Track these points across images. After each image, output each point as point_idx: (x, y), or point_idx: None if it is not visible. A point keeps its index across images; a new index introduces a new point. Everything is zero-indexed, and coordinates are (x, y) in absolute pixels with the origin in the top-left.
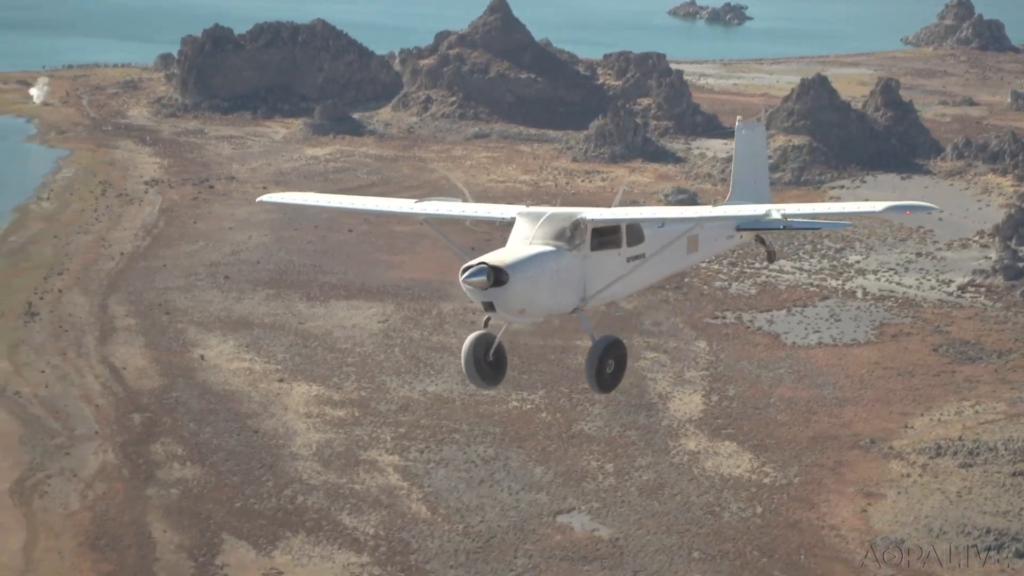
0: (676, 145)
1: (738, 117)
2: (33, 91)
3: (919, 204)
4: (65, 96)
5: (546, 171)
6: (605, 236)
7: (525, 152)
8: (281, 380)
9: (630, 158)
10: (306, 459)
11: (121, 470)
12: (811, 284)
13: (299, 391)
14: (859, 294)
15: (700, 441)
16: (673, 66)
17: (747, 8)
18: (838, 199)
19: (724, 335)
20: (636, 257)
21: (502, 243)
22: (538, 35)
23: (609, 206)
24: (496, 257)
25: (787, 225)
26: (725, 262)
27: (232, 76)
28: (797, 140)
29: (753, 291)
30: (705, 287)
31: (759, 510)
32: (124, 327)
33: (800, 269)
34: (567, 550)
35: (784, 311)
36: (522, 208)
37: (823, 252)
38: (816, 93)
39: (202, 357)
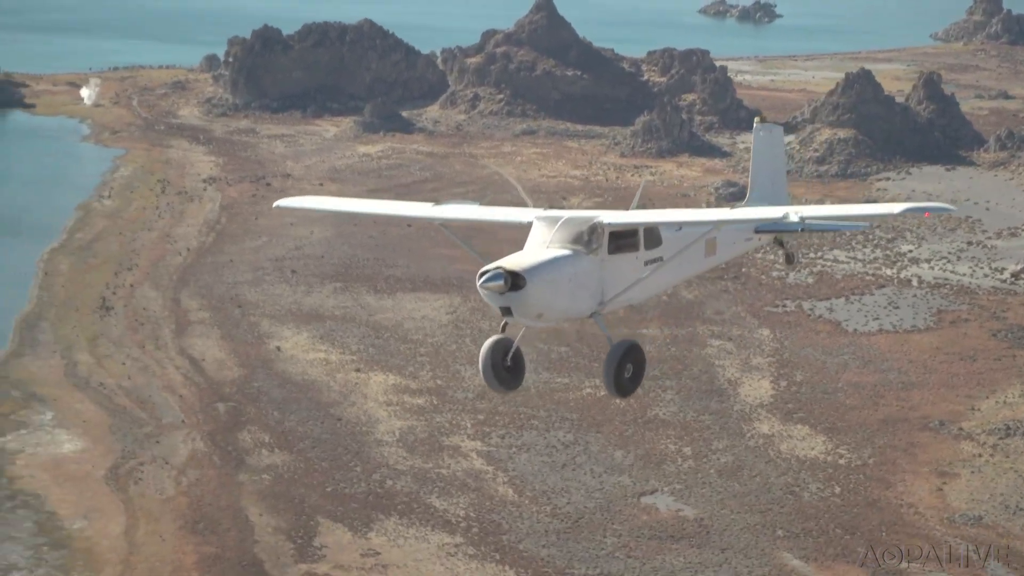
0: (721, 140)
1: (755, 119)
2: (83, 92)
3: (937, 205)
4: (115, 97)
5: (595, 166)
6: (622, 239)
7: (573, 148)
8: (358, 370)
9: (677, 153)
10: (390, 445)
11: (211, 457)
12: (866, 273)
13: (376, 380)
14: (914, 282)
15: (773, 425)
16: None
17: (776, 6)
18: (885, 191)
19: (786, 323)
20: (654, 260)
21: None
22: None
23: (650, 203)
24: (513, 261)
25: (805, 227)
26: (780, 252)
27: (281, 76)
28: (843, 133)
29: (810, 280)
30: (763, 277)
31: (838, 490)
32: (199, 320)
33: (854, 259)
34: (654, 529)
35: (842, 299)
36: (539, 211)
37: (875, 242)
38: (860, 87)
39: (278, 348)
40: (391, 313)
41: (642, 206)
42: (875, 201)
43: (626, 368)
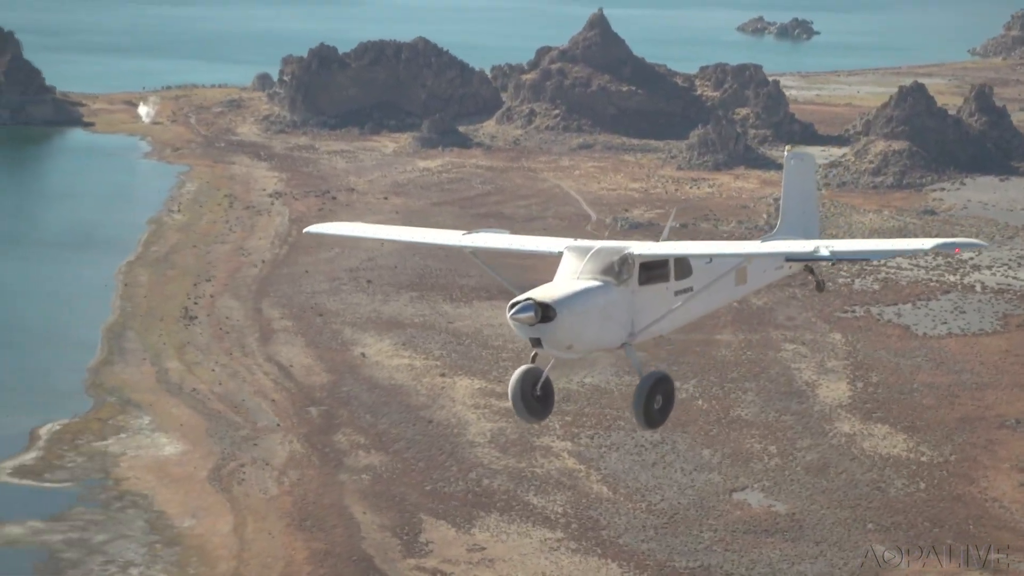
0: (775, 153)
1: (786, 147)
2: (141, 111)
3: (966, 241)
4: (172, 115)
5: (653, 179)
6: (653, 270)
7: (630, 162)
8: (443, 375)
9: (733, 166)
10: (483, 446)
11: (310, 458)
12: (930, 279)
13: (462, 384)
14: (978, 288)
15: (854, 424)
16: None
17: (812, 23)
18: (941, 200)
19: (857, 327)
20: (684, 291)
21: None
22: None
23: (711, 214)
24: (543, 293)
25: (835, 259)
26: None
27: (338, 93)
28: (897, 145)
29: (876, 287)
30: (830, 284)
31: (922, 485)
32: (282, 328)
33: (917, 266)
34: (748, 524)
35: (909, 304)
36: (570, 242)
37: (935, 251)
38: (914, 100)
39: (363, 355)
40: (469, 320)
41: (674, 237)
42: (932, 211)
43: (656, 399)
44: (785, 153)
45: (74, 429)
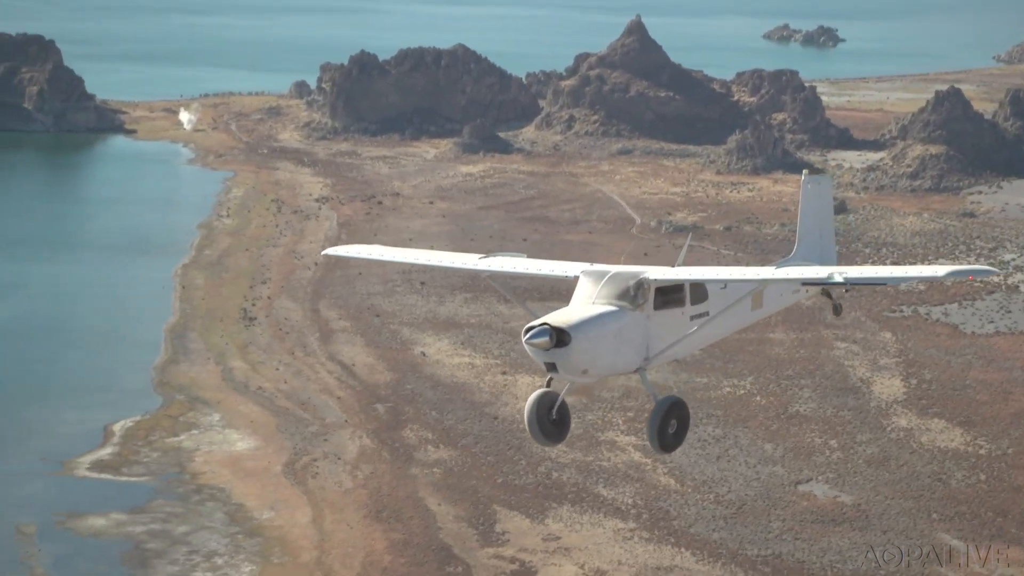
0: (812, 157)
1: (804, 171)
2: (183, 117)
3: (980, 268)
4: (213, 122)
5: (693, 183)
6: (668, 295)
7: (669, 166)
8: (504, 373)
9: (771, 170)
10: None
11: (380, 453)
12: (975, 280)
13: (524, 382)
14: (1022, 288)
15: (910, 419)
16: None
17: (837, 30)
18: (979, 203)
19: (906, 326)
20: (700, 315)
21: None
22: None
23: (753, 218)
24: (558, 318)
25: (849, 285)
26: (888, 261)
27: (378, 100)
28: (934, 149)
29: (922, 287)
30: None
31: (983, 477)
32: (340, 329)
33: None
34: (815, 514)
35: (955, 304)
36: (585, 266)
37: (978, 252)
38: (950, 105)
39: (423, 354)
40: (524, 321)
41: (685, 261)
42: (971, 214)
43: (670, 424)
44: (802, 176)
45: (146, 426)
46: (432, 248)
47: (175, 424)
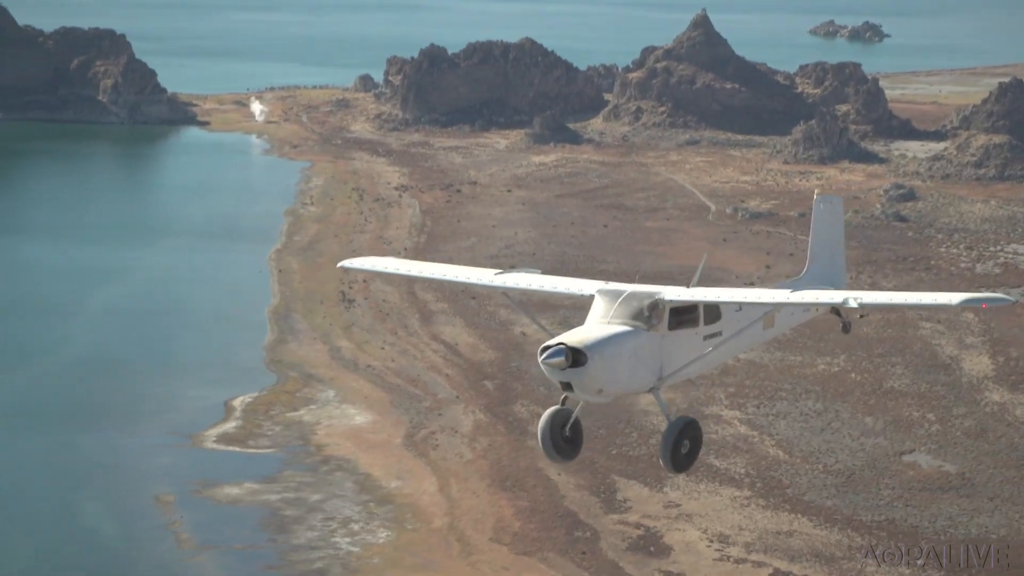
0: (876, 147)
1: (815, 191)
2: (255, 109)
3: (994, 296)
4: (283, 114)
5: (762, 172)
6: (683, 315)
7: (736, 156)
8: None
9: (836, 159)
10: (657, 414)
11: (495, 426)
12: (988, 307)
13: None
14: None
15: (1003, 394)
16: None
17: (882, 26)
18: None
19: (987, 308)
20: (713, 335)
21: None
22: None
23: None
24: (574, 337)
25: (863, 310)
26: (961, 246)
27: (448, 92)
28: (998, 139)
29: (997, 270)
30: (952, 268)
31: None
32: (439, 310)
33: None
34: (922, 483)
35: None
36: (601, 285)
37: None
38: (1014, 95)
39: (523, 334)
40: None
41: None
42: None
43: (683, 444)
44: (815, 197)
45: (265, 401)
46: (517, 234)
47: (293, 399)
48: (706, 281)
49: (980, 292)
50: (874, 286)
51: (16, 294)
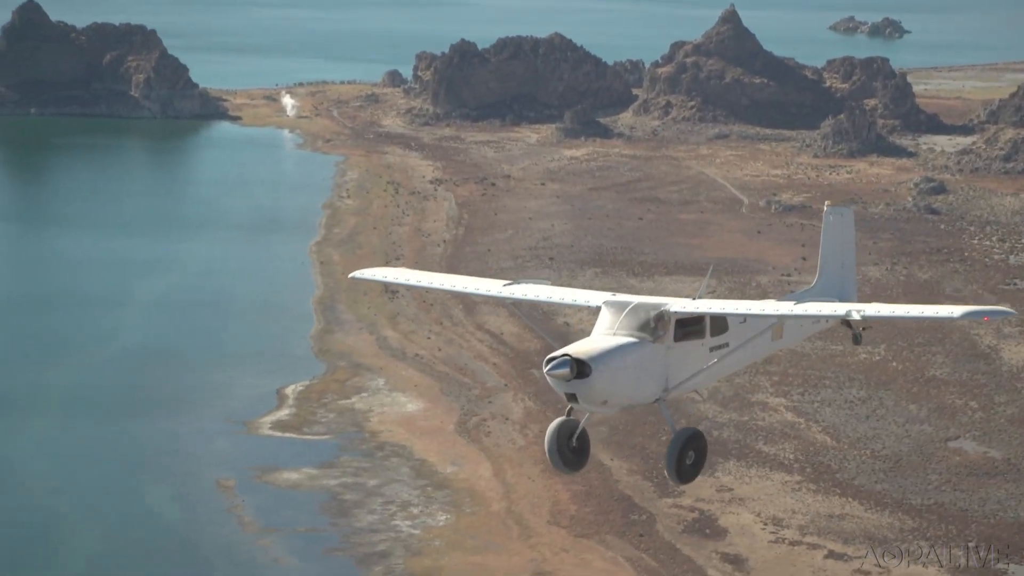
0: (904, 141)
1: (826, 203)
2: (286, 102)
3: (995, 309)
4: (314, 109)
5: (793, 166)
6: (689, 327)
7: (766, 150)
8: None
9: (866, 153)
10: (703, 402)
11: (545, 413)
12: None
13: None
14: None
15: None
16: None
17: (902, 22)
18: None
19: (1021, 298)
20: (720, 347)
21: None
22: None
23: (858, 197)
24: (579, 349)
25: (866, 323)
26: (994, 238)
27: (479, 87)
28: None
29: None
30: (986, 259)
31: None
32: (482, 300)
33: None
34: (969, 468)
35: None
36: (608, 296)
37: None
38: None
39: (567, 323)
40: (657, 293)
41: (720, 295)
42: None
43: (687, 455)
44: (825, 208)
45: (317, 389)
46: (553, 226)
47: (343, 388)
48: (744, 272)
49: (983, 306)
50: (909, 277)
51: (63, 286)
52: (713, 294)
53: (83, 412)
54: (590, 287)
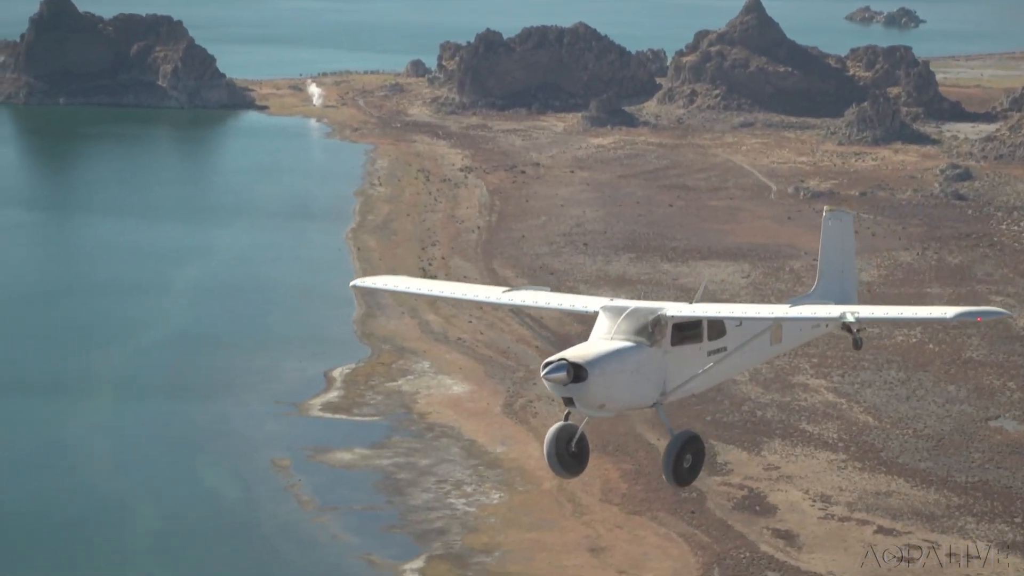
0: (927, 129)
1: (825, 207)
2: (312, 91)
3: (988, 310)
4: (340, 99)
5: (818, 153)
6: (686, 331)
7: (791, 138)
8: None
9: (890, 141)
10: (745, 383)
11: None
12: (983, 321)
13: None
14: None
15: None
16: None
17: (917, 11)
18: None
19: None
20: (718, 351)
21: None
22: None
23: (885, 184)
24: (576, 353)
25: (861, 326)
26: (1022, 223)
27: (504, 76)
28: None
29: None
30: (1016, 244)
31: None
32: (519, 286)
33: None
34: (1011, 446)
35: None
36: (605, 302)
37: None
38: None
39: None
40: (692, 278)
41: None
42: None
43: (685, 458)
44: (824, 213)
45: (363, 372)
46: (585, 212)
47: (390, 371)
48: (777, 257)
49: (976, 306)
50: (940, 262)
51: (104, 274)
52: (748, 279)
53: (133, 396)
54: (625, 272)
